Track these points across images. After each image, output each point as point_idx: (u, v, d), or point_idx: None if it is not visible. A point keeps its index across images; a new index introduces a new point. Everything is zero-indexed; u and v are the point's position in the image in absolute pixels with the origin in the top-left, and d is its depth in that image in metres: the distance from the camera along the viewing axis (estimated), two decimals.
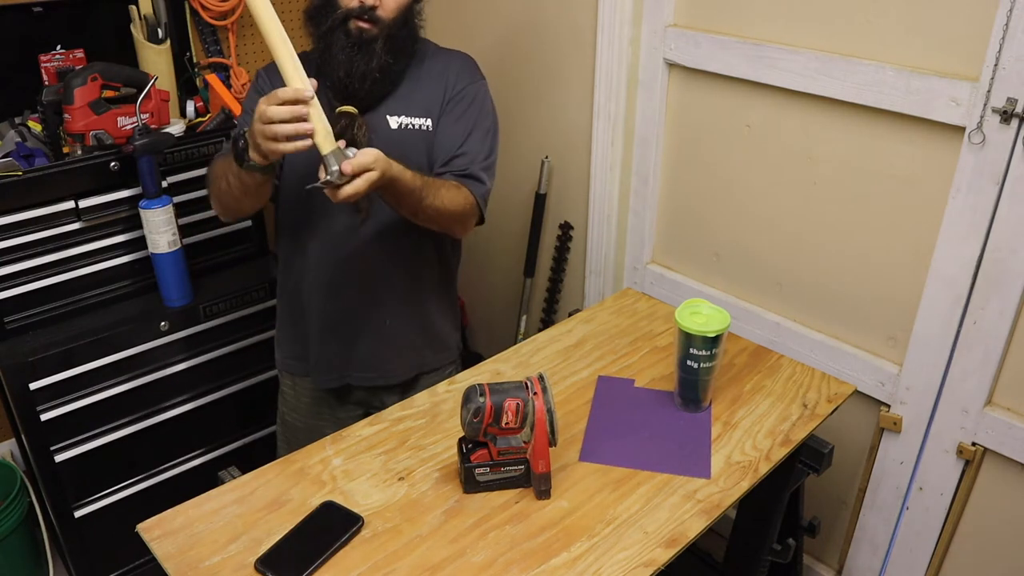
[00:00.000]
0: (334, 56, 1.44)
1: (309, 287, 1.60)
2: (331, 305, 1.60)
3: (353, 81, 1.44)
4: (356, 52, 1.43)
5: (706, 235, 1.99)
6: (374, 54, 1.43)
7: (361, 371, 1.65)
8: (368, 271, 1.57)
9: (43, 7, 1.86)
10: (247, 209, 1.48)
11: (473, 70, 1.58)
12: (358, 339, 1.62)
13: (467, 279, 2.65)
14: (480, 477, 1.22)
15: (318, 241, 1.56)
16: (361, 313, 1.60)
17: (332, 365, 1.64)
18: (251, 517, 1.18)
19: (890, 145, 1.59)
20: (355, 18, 1.43)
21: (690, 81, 1.90)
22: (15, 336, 1.75)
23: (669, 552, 1.14)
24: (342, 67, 1.43)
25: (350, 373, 1.65)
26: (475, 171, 1.52)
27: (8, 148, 1.74)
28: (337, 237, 1.54)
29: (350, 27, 1.43)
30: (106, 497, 1.89)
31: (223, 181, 1.41)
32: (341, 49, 1.43)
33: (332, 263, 1.56)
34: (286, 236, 1.61)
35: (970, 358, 1.57)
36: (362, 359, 1.64)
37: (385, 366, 1.65)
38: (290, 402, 1.75)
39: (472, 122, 1.54)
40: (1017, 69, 1.36)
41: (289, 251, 1.62)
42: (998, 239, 1.47)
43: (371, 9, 1.42)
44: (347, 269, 1.57)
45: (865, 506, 1.84)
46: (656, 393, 1.49)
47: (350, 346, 1.63)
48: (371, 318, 1.61)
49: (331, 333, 1.62)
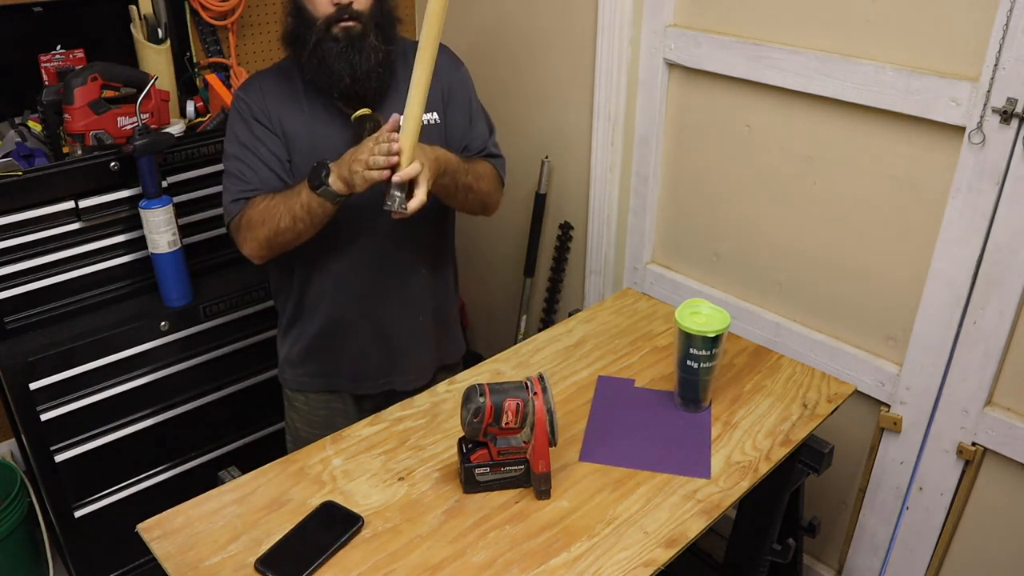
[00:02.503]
0: (331, 66, 1.42)
1: (337, 301, 1.58)
2: (367, 315, 1.59)
3: (361, 82, 1.43)
4: (353, 53, 1.41)
5: (706, 235, 1.99)
6: (371, 48, 1.42)
7: (403, 375, 1.66)
8: (395, 273, 1.58)
9: (43, 7, 1.86)
10: (304, 240, 1.46)
11: (453, 58, 1.63)
12: (396, 343, 1.63)
13: (467, 279, 2.65)
14: (480, 477, 1.22)
15: (341, 253, 1.54)
16: (397, 317, 1.61)
17: (374, 373, 1.65)
18: (251, 517, 1.18)
19: (890, 145, 1.59)
20: (336, 22, 1.41)
21: (690, 81, 1.90)
22: (15, 336, 1.75)
23: (669, 552, 1.14)
24: (346, 72, 1.42)
25: (392, 379, 1.66)
26: (490, 148, 1.62)
27: (8, 148, 1.74)
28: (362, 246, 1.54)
29: (335, 32, 1.41)
30: (106, 497, 1.89)
31: (285, 219, 1.40)
32: (336, 56, 1.41)
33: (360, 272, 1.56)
34: (304, 256, 1.55)
35: (970, 358, 1.57)
36: (402, 363, 1.65)
37: (422, 366, 1.67)
38: (304, 416, 1.74)
39: (471, 106, 1.61)
40: (1017, 69, 1.36)
41: (309, 269, 1.58)
42: (998, 239, 1.47)
43: (348, 7, 1.40)
44: (376, 274, 1.56)
45: (865, 506, 1.84)
46: (656, 393, 1.49)
47: (390, 352, 1.63)
48: (405, 321, 1.62)
49: (370, 343, 1.62)
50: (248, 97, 1.49)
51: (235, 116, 1.50)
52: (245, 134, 1.48)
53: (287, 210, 1.40)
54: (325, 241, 1.51)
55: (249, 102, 1.49)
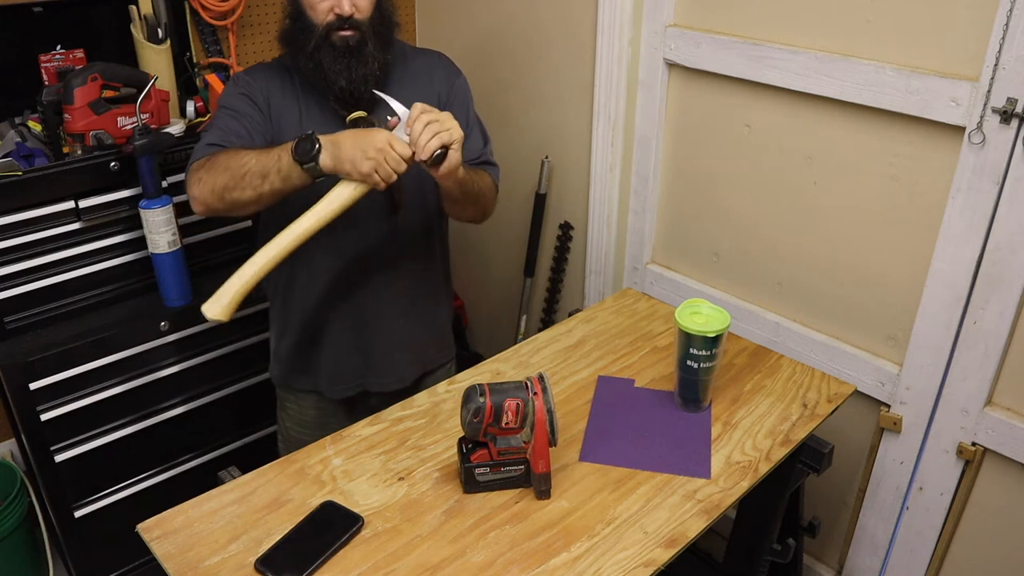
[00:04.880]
0: (328, 71, 1.44)
1: (317, 297, 1.59)
2: (344, 313, 1.59)
3: (356, 87, 1.45)
4: (351, 59, 1.43)
5: (706, 235, 1.99)
6: (369, 56, 1.44)
7: (377, 377, 1.65)
8: (377, 273, 1.57)
9: (43, 7, 1.86)
10: (251, 209, 1.43)
11: (451, 66, 1.63)
12: (374, 344, 1.62)
13: (467, 279, 2.65)
14: (480, 477, 1.22)
15: (323, 250, 1.55)
16: (375, 318, 1.60)
17: (348, 374, 1.64)
18: (251, 517, 1.18)
19: (890, 145, 1.59)
20: (336, 30, 1.43)
21: (690, 81, 1.90)
22: (15, 336, 1.75)
23: (669, 552, 1.14)
24: (342, 77, 1.43)
25: (367, 380, 1.65)
26: (487, 157, 1.62)
27: (8, 148, 1.74)
28: (344, 243, 1.54)
29: (334, 40, 1.43)
30: (106, 497, 1.89)
31: (254, 177, 1.35)
32: (333, 62, 1.43)
33: (341, 269, 1.56)
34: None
35: (970, 358, 1.57)
36: (378, 364, 1.64)
37: (399, 369, 1.66)
38: (294, 416, 1.74)
39: (468, 116, 1.60)
40: (1017, 69, 1.36)
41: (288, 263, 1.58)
42: (998, 239, 1.47)
43: (349, 17, 1.42)
44: (357, 274, 1.56)
45: (865, 506, 1.84)
46: (656, 393, 1.49)
47: (366, 353, 1.63)
48: (384, 322, 1.61)
49: (346, 342, 1.62)
50: (251, 77, 1.52)
51: (232, 88, 1.51)
52: (240, 102, 1.49)
53: (259, 168, 1.34)
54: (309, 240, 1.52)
55: (251, 81, 1.51)
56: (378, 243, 1.54)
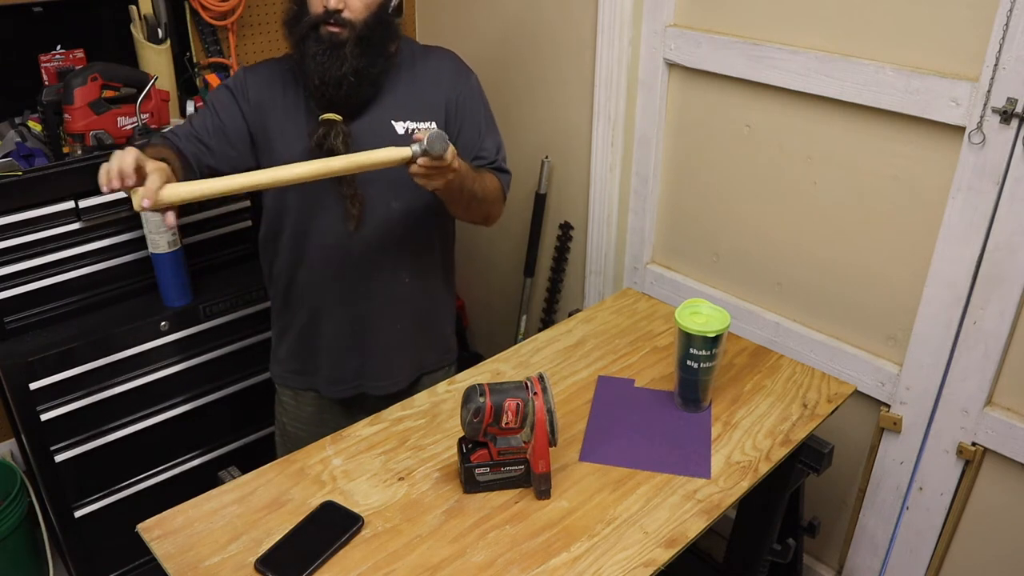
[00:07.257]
0: (307, 63, 1.42)
1: (316, 299, 1.59)
2: (342, 316, 1.59)
3: (328, 87, 1.42)
4: (327, 57, 1.40)
5: (706, 235, 1.99)
6: (345, 58, 1.41)
7: (374, 380, 1.65)
8: (375, 277, 1.57)
9: (43, 7, 1.86)
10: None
11: (462, 66, 1.60)
12: (371, 347, 1.62)
13: (467, 279, 2.65)
14: (480, 477, 1.22)
15: (322, 252, 1.55)
16: (373, 320, 1.60)
17: (345, 376, 1.64)
18: (251, 517, 1.18)
19: (890, 145, 1.59)
20: (323, 23, 1.41)
21: (690, 81, 1.90)
22: (15, 336, 1.75)
23: (669, 552, 1.14)
24: (316, 74, 1.42)
25: (364, 383, 1.65)
26: (499, 163, 1.61)
27: (8, 148, 1.74)
28: (342, 246, 1.54)
29: (320, 33, 1.41)
30: (106, 497, 1.89)
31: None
32: (313, 56, 1.41)
33: (339, 272, 1.56)
34: (285, 250, 1.58)
35: (970, 358, 1.57)
36: (375, 367, 1.64)
37: (396, 372, 1.66)
38: (291, 412, 1.74)
39: (481, 118, 1.58)
40: (1017, 69, 1.36)
41: (288, 264, 1.59)
42: (998, 239, 1.47)
43: (336, 12, 1.40)
44: (355, 277, 1.56)
45: (865, 506, 1.84)
46: (656, 393, 1.49)
47: (363, 355, 1.62)
48: (382, 325, 1.61)
49: (343, 344, 1.61)
50: (248, 73, 1.54)
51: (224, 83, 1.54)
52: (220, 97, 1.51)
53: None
54: (309, 235, 1.53)
55: (245, 77, 1.53)
56: (375, 243, 1.54)
